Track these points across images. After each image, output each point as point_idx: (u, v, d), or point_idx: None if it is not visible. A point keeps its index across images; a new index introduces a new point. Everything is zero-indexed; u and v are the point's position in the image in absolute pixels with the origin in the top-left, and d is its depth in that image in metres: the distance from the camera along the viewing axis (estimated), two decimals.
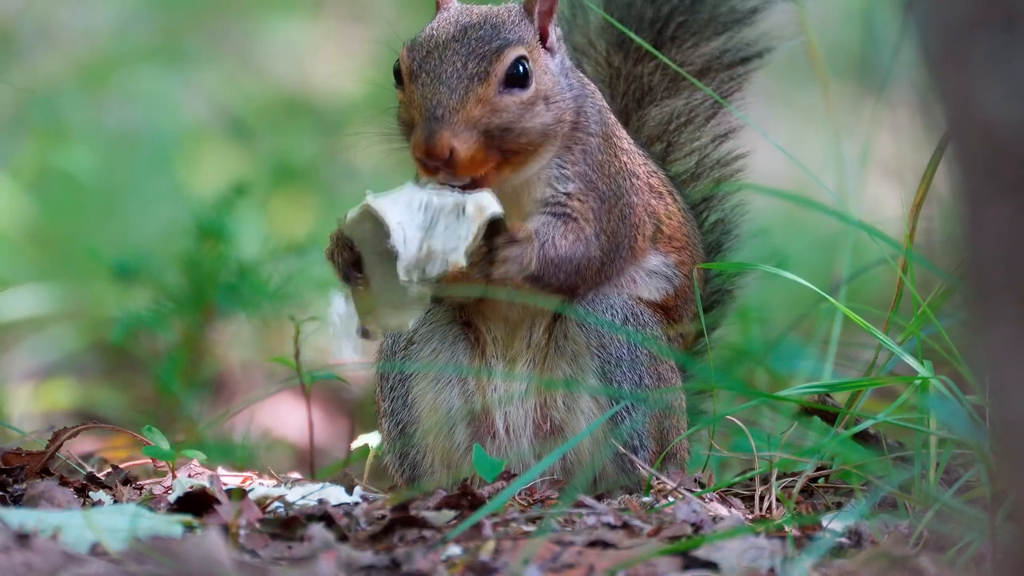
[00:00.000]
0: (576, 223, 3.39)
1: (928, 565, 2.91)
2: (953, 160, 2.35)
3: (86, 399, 5.56)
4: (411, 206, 3.24)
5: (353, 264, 3.30)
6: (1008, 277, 2.31)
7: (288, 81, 7.97)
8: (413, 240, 3.22)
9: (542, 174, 3.39)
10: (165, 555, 2.85)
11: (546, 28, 3.40)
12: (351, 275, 3.29)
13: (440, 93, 3.25)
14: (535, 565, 2.93)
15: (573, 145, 3.40)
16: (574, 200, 3.39)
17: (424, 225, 3.23)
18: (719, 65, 3.86)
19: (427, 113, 3.25)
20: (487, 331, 3.45)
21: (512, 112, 3.30)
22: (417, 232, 3.23)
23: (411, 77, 3.30)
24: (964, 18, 2.31)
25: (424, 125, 3.24)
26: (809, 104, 6.99)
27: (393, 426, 3.52)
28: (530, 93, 3.32)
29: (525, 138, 3.32)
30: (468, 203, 3.25)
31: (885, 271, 3.70)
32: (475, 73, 3.28)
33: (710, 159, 3.89)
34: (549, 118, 3.35)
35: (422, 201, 3.25)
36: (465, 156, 3.24)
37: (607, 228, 3.42)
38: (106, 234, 6.98)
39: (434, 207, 3.25)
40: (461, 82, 3.27)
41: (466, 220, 3.24)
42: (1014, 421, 2.33)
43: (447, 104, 3.24)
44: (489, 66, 3.29)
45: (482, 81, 3.28)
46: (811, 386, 3.50)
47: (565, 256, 3.37)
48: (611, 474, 3.45)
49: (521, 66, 3.32)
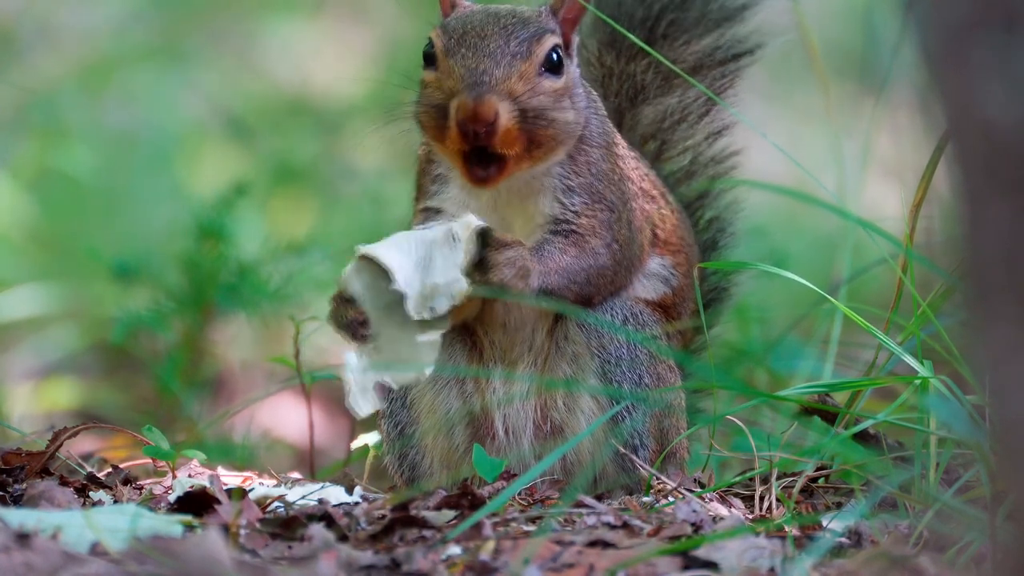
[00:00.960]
0: (581, 237, 3.38)
1: (928, 565, 2.91)
2: (953, 160, 2.35)
3: (86, 399, 5.56)
4: (404, 248, 3.22)
5: (360, 323, 3.28)
6: (1008, 277, 2.31)
7: (288, 81, 7.97)
8: (414, 279, 3.21)
9: (547, 183, 3.39)
10: (165, 555, 2.85)
11: (569, 35, 3.41)
12: (359, 333, 3.27)
13: (485, 63, 3.25)
14: (535, 565, 2.94)
15: (577, 156, 3.40)
16: (581, 217, 3.39)
17: (421, 263, 3.22)
18: (711, 62, 3.86)
19: (472, 79, 3.23)
20: (484, 335, 3.45)
21: (548, 96, 3.30)
22: (416, 272, 3.21)
23: (448, 53, 3.29)
24: (964, 18, 2.31)
25: (471, 89, 3.22)
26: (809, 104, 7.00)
27: (392, 427, 3.52)
28: (562, 83, 3.33)
29: (553, 129, 3.31)
30: (456, 227, 3.24)
31: (885, 271, 3.70)
32: (518, 51, 3.28)
33: (704, 156, 3.90)
34: (572, 116, 3.35)
35: (413, 241, 3.23)
36: (505, 125, 3.24)
37: (620, 237, 3.42)
38: (106, 234, 6.98)
39: (427, 242, 3.23)
40: (504, 57, 3.27)
41: (459, 245, 3.23)
42: (1014, 421, 2.33)
43: (493, 73, 3.24)
44: (531, 46, 3.29)
45: (525, 59, 3.28)
46: (811, 386, 3.50)
47: (568, 267, 3.36)
48: (611, 474, 3.45)
49: (556, 54, 3.33)
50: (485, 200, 3.39)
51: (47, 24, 7.90)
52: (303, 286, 4.86)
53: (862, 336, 3.61)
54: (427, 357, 3.24)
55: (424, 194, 3.47)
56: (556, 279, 3.34)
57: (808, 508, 3.36)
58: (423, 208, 3.46)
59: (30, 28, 7.84)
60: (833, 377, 3.96)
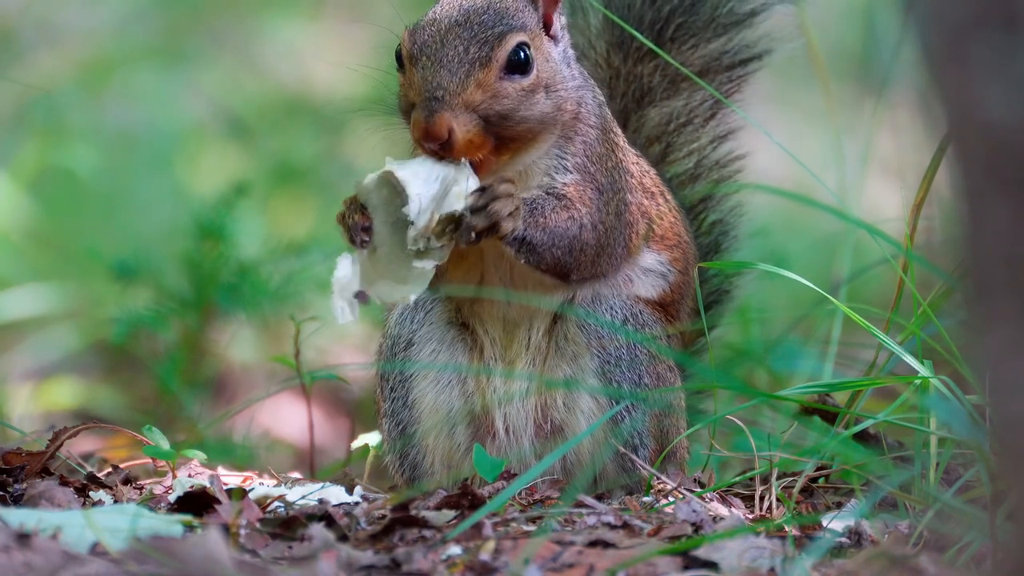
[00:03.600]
0: (571, 203, 3.38)
1: (928, 565, 2.91)
2: (953, 160, 2.35)
3: (86, 399, 5.55)
4: (428, 179, 3.26)
5: (363, 229, 3.30)
6: (1008, 277, 2.32)
7: (288, 81, 7.97)
8: (427, 211, 3.24)
9: (541, 163, 3.39)
10: (165, 555, 2.85)
11: (550, 16, 3.40)
12: (360, 239, 3.29)
13: (440, 76, 3.26)
14: (535, 565, 2.93)
15: (574, 136, 3.40)
16: (570, 187, 3.39)
17: (437, 197, 3.25)
18: (718, 67, 3.86)
19: (427, 94, 3.25)
20: (484, 332, 3.45)
21: (512, 98, 3.30)
22: (430, 204, 3.25)
23: (412, 60, 3.31)
24: (964, 18, 2.31)
25: (424, 106, 3.25)
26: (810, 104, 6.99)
27: (393, 426, 3.52)
28: (530, 80, 3.32)
29: (524, 126, 3.32)
30: (468, 167, 3.27)
31: (885, 271, 3.70)
32: (476, 58, 3.28)
33: (709, 160, 3.90)
34: (549, 106, 3.35)
35: (438, 174, 3.26)
36: (463, 138, 3.25)
37: (604, 220, 3.41)
38: (106, 234, 6.98)
39: (449, 178, 3.26)
40: (462, 66, 3.27)
41: (466, 177, 3.26)
42: (1014, 420, 2.33)
43: (447, 87, 3.25)
44: (491, 51, 3.29)
45: (483, 66, 3.28)
46: (811, 386, 3.50)
47: (556, 228, 3.35)
48: (611, 474, 3.45)
49: (522, 52, 3.32)
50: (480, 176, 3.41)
51: (48, 23, 7.90)
52: (303, 286, 4.86)
53: (862, 336, 3.61)
54: (416, 284, 3.28)
55: None
56: (541, 235, 3.34)
57: (808, 508, 3.36)
58: None
59: (31, 27, 7.84)
60: (833, 377, 3.96)
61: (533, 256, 3.33)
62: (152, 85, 7.76)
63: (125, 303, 4.90)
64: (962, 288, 2.38)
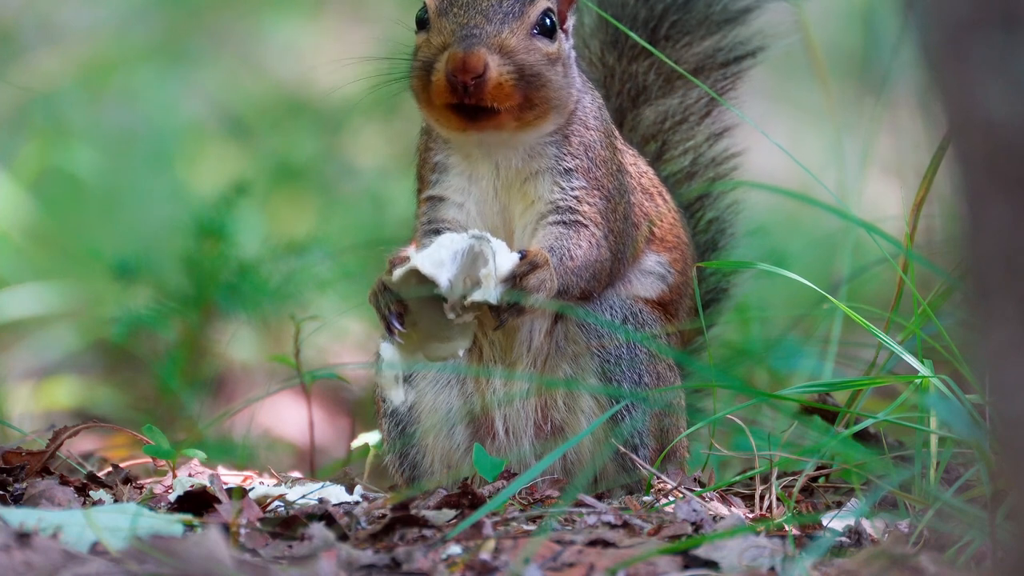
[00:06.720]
0: (587, 229, 3.38)
1: (928, 564, 2.91)
2: (953, 159, 2.35)
3: (86, 398, 5.56)
4: (453, 259, 3.24)
5: (399, 315, 3.28)
6: (1008, 277, 2.32)
7: (288, 81, 7.97)
8: (458, 285, 3.23)
9: (543, 163, 3.39)
10: (165, 554, 2.85)
11: (564, 12, 3.41)
12: (394, 326, 3.27)
13: (476, 19, 3.26)
14: (535, 564, 2.94)
15: (572, 136, 3.40)
16: (583, 204, 3.39)
17: (465, 266, 3.24)
18: (712, 64, 3.86)
19: (463, 31, 3.25)
20: (483, 336, 3.45)
21: (540, 58, 3.30)
22: (460, 275, 3.23)
23: (440, 13, 3.29)
24: (964, 18, 2.31)
25: (461, 40, 3.23)
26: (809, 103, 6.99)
27: (393, 426, 3.52)
28: (554, 48, 3.34)
29: (547, 91, 3.31)
30: (495, 244, 3.25)
31: (885, 270, 3.71)
32: (510, 11, 3.29)
33: (705, 158, 3.90)
34: (564, 84, 3.35)
35: (459, 249, 3.24)
36: (496, 77, 3.24)
37: (614, 228, 3.42)
38: (107, 233, 6.98)
39: (475, 251, 3.24)
40: (497, 14, 3.28)
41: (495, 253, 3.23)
42: (1014, 420, 2.33)
43: (484, 28, 3.25)
44: (523, 7, 3.30)
45: (517, 18, 3.29)
46: (811, 385, 3.50)
47: (582, 264, 3.36)
48: (611, 473, 3.45)
49: (549, 18, 3.34)
50: (485, 185, 3.40)
51: (48, 23, 7.90)
52: (303, 285, 4.86)
53: (862, 335, 3.61)
54: (462, 338, 3.29)
55: (426, 184, 3.48)
56: (569, 277, 3.35)
57: (808, 507, 3.36)
58: (427, 197, 3.47)
59: (31, 27, 7.84)
60: (833, 376, 3.96)
61: (563, 297, 3.34)
62: (152, 85, 7.76)
63: (125, 302, 4.90)
64: (962, 288, 2.38)
